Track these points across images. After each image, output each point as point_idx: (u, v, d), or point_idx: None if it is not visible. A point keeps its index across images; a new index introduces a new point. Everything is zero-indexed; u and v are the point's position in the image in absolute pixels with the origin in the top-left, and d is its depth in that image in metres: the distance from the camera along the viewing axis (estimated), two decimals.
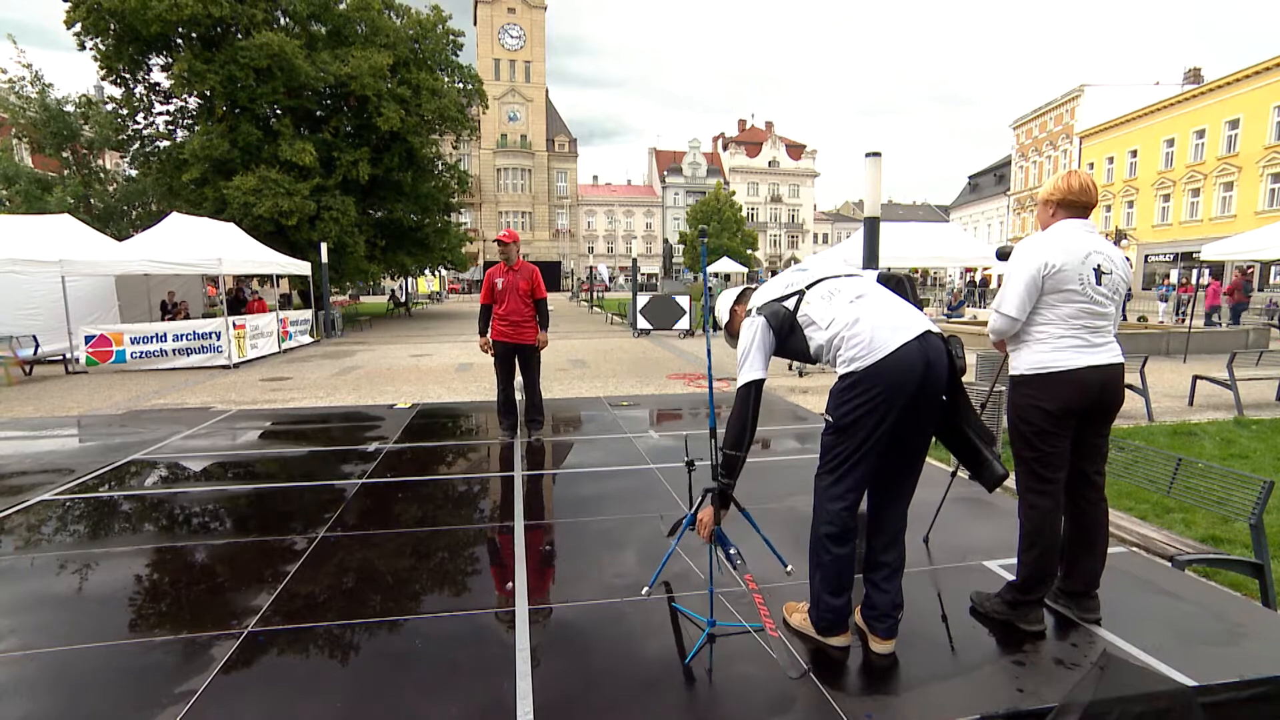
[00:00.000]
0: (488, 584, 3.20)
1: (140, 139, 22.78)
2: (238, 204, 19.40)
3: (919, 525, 3.63)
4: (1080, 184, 2.65)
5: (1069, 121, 43.37)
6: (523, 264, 5.69)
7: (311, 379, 11.00)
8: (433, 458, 5.58)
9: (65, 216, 15.07)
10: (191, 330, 12.60)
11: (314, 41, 22.91)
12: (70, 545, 3.71)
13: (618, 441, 5.87)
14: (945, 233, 18.15)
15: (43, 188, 20.41)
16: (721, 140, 77.10)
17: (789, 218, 75.30)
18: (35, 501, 4.35)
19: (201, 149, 20.04)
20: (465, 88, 27.27)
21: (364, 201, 23.94)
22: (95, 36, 20.10)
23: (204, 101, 21.83)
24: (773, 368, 11.39)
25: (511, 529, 3.81)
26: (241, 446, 6.06)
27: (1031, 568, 2.69)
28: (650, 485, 4.61)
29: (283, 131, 21.22)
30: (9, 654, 2.56)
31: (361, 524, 3.93)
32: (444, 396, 8.99)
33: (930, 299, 29.62)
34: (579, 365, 12.10)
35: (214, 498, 4.55)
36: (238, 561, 3.43)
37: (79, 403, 8.90)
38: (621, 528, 3.82)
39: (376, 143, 23.34)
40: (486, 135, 60.65)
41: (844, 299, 2.41)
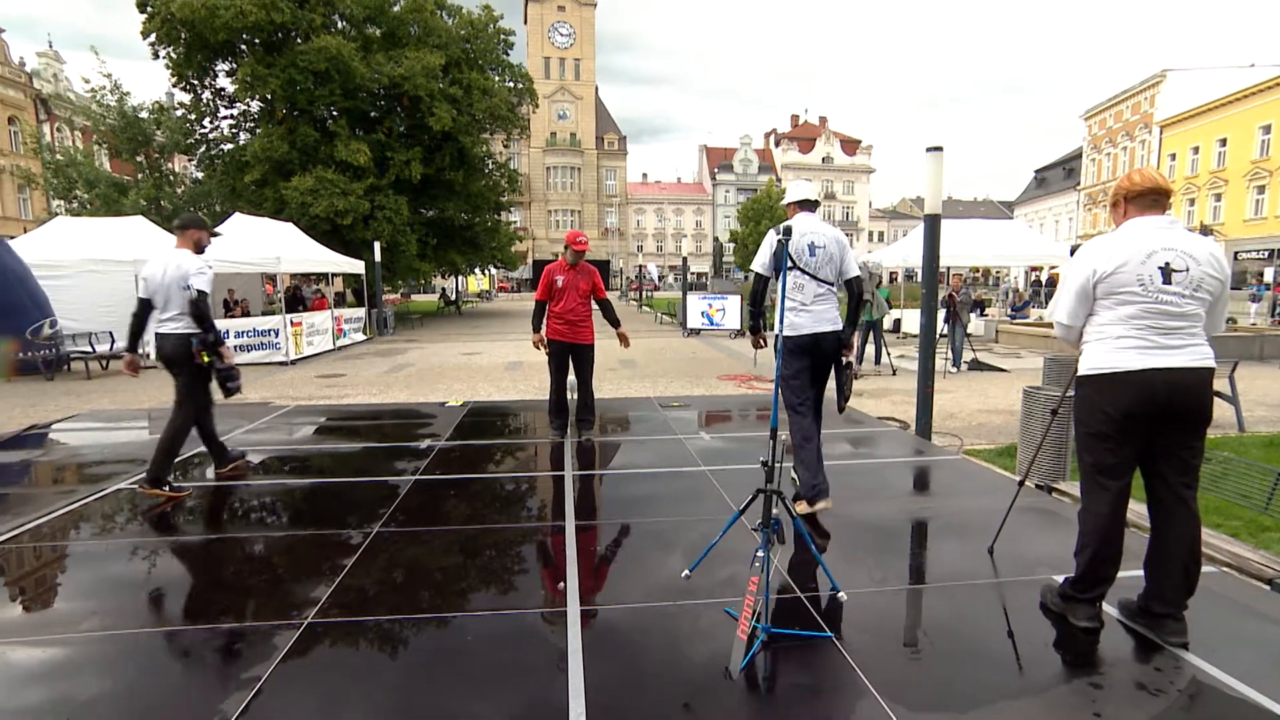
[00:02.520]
0: (539, 583, 3.25)
1: (206, 142, 23.87)
2: (295, 204, 20.10)
3: (983, 536, 3.53)
4: (1143, 176, 2.56)
5: (1148, 110, 41.15)
6: (584, 264, 5.75)
7: (365, 376, 11.32)
8: (484, 456, 5.69)
9: (139, 218, 15.90)
10: (251, 328, 13.12)
11: (369, 44, 23.56)
12: (143, 533, 3.91)
13: (668, 443, 5.87)
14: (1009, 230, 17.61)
15: (119, 191, 21.60)
16: (774, 136, 76.26)
17: (844, 215, 74.03)
18: (112, 490, 4.60)
19: (262, 150, 20.85)
20: (515, 86, 27.65)
21: (416, 201, 24.51)
22: (168, 45, 21.15)
23: (265, 105, 22.72)
24: None
25: (563, 529, 3.85)
26: (299, 441, 6.29)
27: (1084, 569, 2.62)
28: (702, 488, 4.60)
29: (339, 133, 21.89)
30: (91, 633, 2.72)
31: (415, 520, 4.03)
32: (494, 395, 9.14)
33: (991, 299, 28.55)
34: (628, 365, 12.14)
35: (274, 491, 4.73)
36: (297, 553, 3.56)
37: (150, 396, 9.36)
38: (673, 530, 3.82)
39: (428, 142, 23.86)
40: (536, 134, 61.36)
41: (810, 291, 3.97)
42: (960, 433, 6.65)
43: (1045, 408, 4.64)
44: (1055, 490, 4.65)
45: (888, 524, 3.92)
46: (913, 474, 5.16)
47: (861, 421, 6.86)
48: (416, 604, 3.00)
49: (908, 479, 5.04)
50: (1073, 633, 2.67)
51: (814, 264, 3.95)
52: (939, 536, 3.83)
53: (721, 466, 5.05)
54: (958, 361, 11.36)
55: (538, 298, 5.83)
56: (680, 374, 11.11)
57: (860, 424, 6.75)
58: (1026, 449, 4.86)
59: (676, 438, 6.01)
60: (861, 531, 3.77)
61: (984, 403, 8.44)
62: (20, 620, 2.91)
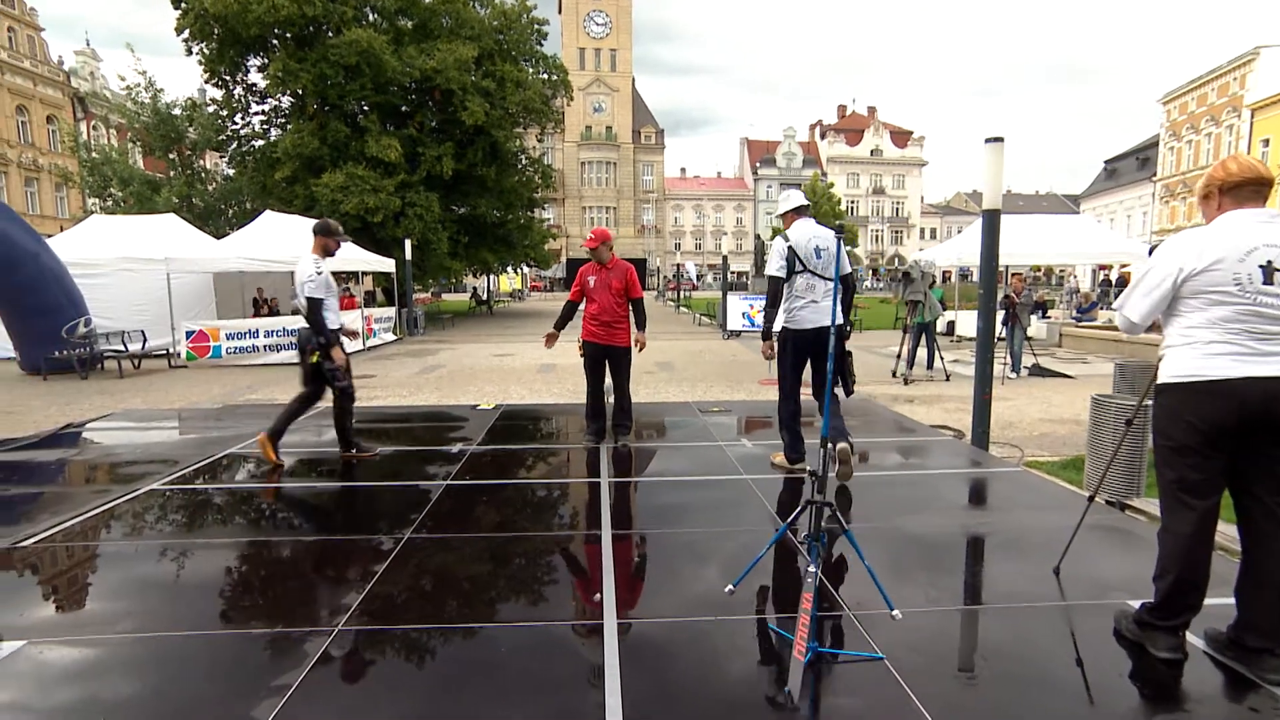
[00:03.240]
0: (575, 594, 3.26)
1: (238, 139, 24.62)
2: (326, 201, 20.58)
3: (1047, 555, 3.44)
4: (1241, 165, 2.44)
5: (1237, 92, 38.83)
6: (617, 261, 5.77)
7: (395, 377, 11.53)
8: (517, 461, 5.75)
9: (171, 216, 16.52)
10: (281, 326, 13.45)
11: (400, 36, 24.01)
12: (175, 534, 4.04)
13: (708, 450, 5.86)
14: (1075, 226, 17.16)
15: (152, 188, 22.47)
16: (819, 128, 75.65)
17: (893, 211, 73.04)
18: (144, 491, 4.76)
19: (293, 147, 21.41)
20: (550, 78, 27.92)
21: (447, 197, 24.88)
22: (201, 41, 21.91)
23: (296, 100, 23.36)
24: (877, 374, 11.01)
25: (599, 538, 3.86)
26: (329, 443, 6.39)
27: (1165, 595, 2.51)
28: (744, 497, 4.58)
29: (369, 128, 22.36)
30: (125, 635, 2.81)
31: (447, 526, 4.08)
32: (526, 398, 9.22)
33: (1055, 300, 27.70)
34: (666, 368, 12.14)
35: (304, 494, 4.85)
36: (328, 558, 3.64)
37: (180, 396, 9.68)
38: (714, 541, 3.80)
39: (460, 137, 24.20)
40: (570, 127, 61.83)
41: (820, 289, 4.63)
42: (1020, 443, 6.49)
43: (1118, 418, 4.49)
44: (1129, 507, 4.50)
45: (942, 539, 3.84)
46: (969, 486, 5.06)
47: (913, 430, 6.74)
48: (448, 613, 3.04)
49: (963, 491, 4.94)
50: (1152, 664, 2.56)
51: (820, 265, 4.64)
52: (998, 554, 3.75)
53: (764, 475, 5.02)
54: (1017, 367, 11.09)
55: (570, 298, 5.90)
56: (720, 378, 11.07)
57: (912, 432, 6.64)
58: (1096, 462, 4.72)
59: (717, 444, 5.99)
60: (914, 546, 3.70)
61: (1046, 411, 8.23)
62: (56, 620, 3.03)
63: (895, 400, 8.87)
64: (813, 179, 57.72)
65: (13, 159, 35.35)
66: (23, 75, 36.22)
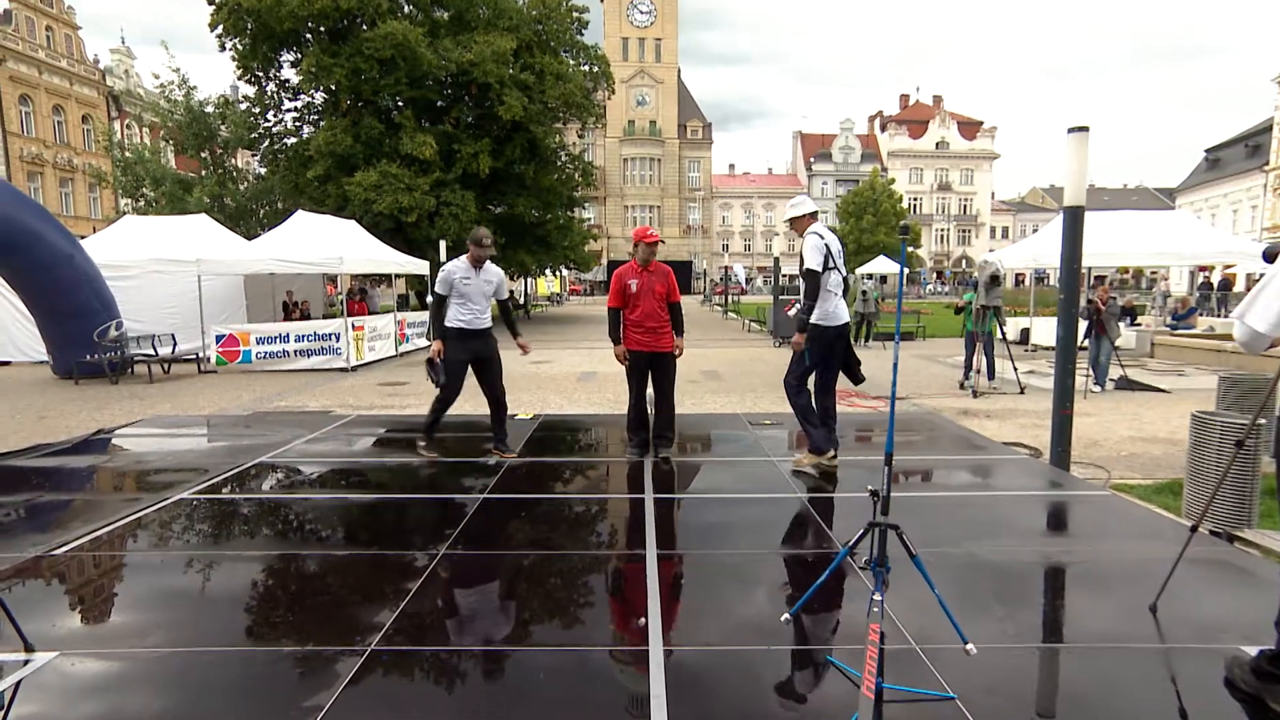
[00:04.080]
0: (617, 617, 3.26)
1: (270, 137, 25.43)
2: (359, 200, 21.10)
3: (1141, 590, 3.30)
4: None
5: None
6: (657, 264, 5.79)
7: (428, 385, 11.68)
8: (556, 474, 5.80)
9: (202, 216, 17.12)
10: (312, 331, 13.81)
11: (436, 28, 24.52)
12: (204, 545, 4.17)
13: (759, 465, 5.82)
14: (1169, 223, 16.51)
15: (184, 188, 23.36)
16: (879, 120, 74.77)
17: (960, 209, 71.65)
18: (174, 500, 4.92)
19: (326, 144, 22.01)
20: (591, 70, 28.17)
21: (484, 196, 25.27)
22: (234, 37, 22.72)
23: (329, 96, 24.04)
24: (943, 386, 10.78)
25: (642, 558, 3.85)
26: (361, 454, 6.56)
27: None
28: (799, 516, 4.54)
29: (404, 124, 22.86)
30: (155, 650, 2.90)
31: (483, 542, 4.13)
32: (565, 408, 9.27)
33: (1146, 305, 26.64)
34: (712, 377, 12.09)
35: (336, 506, 4.95)
36: (360, 574, 3.71)
37: (210, 402, 10.00)
38: (767, 563, 3.76)
39: (497, 133, 24.57)
40: (612, 122, 62.22)
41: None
42: (1107, 463, 6.28)
43: (1225, 438, 4.31)
44: (1239, 539, 4.30)
45: (1019, 567, 3.74)
46: (1048, 510, 4.92)
47: (985, 447, 6.58)
48: (485, 634, 3.06)
49: (1042, 515, 4.81)
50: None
51: (840, 263, 5.38)
52: (1083, 586, 3.62)
53: (820, 493, 4.98)
54: (1102, 379, 10.75)
55: (611, 304, 5.90)
56: (771, 388, 10.97)
57: (983, 450, 6.48)
58: (1196, 487, 4.54)
59: (768, 459, 5.95)
60: (987, 575, 3.60)
61: (1136, 429, 7.95)
62: (87, 632, 3.14)
63: (963, 414, 8.67)
64: (872, 175, 57.04)
65: (49, 159, 37.14)
66: (60, 75, 38.07)
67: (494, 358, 5.92)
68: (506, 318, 6.19)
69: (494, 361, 5.93)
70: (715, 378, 12.05)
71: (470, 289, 5.71)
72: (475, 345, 5.78)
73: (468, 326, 5.73)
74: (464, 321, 5.72)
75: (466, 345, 5.77)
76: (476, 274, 5.73)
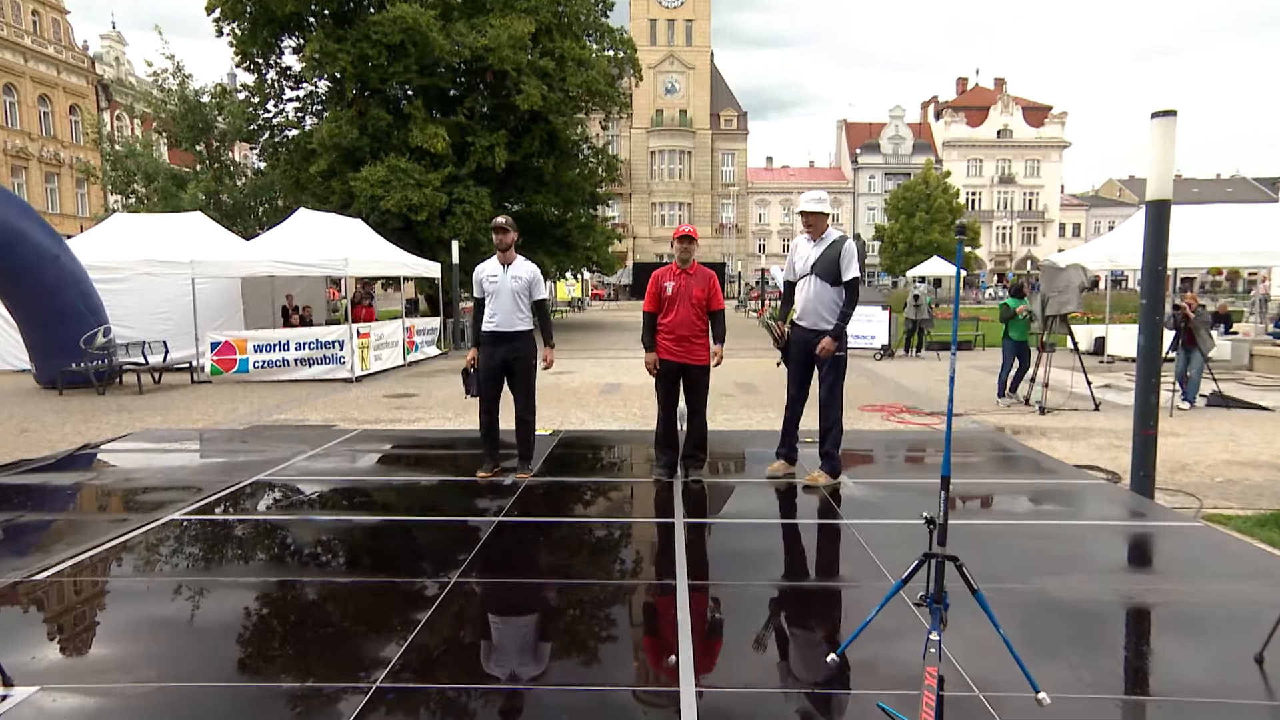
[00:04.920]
0: (645, 654, 3.24)
1: (270, 128, 25.84)
2: (365, 197, 21.36)
3: (1243, 637, 3.19)
4: None
5: None
6: (698, 267, 5.80)
7: (439, 397, 11.81)
8: (577, 496, 5.82)
9: (197, 214, 17.45)
10: (314, 338, 13.99)
11: (449, 11, 24.78)
12: (196, 571, 4.22)
13: (799, 487, 5.80)
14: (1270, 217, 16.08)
15: (178, 184, 23.81)
16: (933, 106, 74.39)
17: (1025, 204, 70.93)
18: (164, 521, 4.99)
19: (330, 137, 22.32)
20: (616, 55, 28.32)
21: (499, 192, 25.46)
22: (233, 21, 23.17)
23: (334, 85, 24.37)
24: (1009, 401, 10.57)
25: (672, 589, 3.84)
26: (366, 472, 6.62)
27: None
28: (845, 545, 4.51)
29: (414, 115, 23.12)
30: (143, 684, 2.93)
31: (499, 570, 4.14)
32: (588, 423, 9.29)
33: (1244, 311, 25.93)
34: (748, 390, 12.04)
35: (339, 528, 4.99)
36: (365, 603, 3.73)
37: (204, 414, 10.16)
38: (810, 597, 3.73)
39: (515, 125, 24.77)
40: (639, 112, 62.46)
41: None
42: (1198, 491, 6.14)
43: None
44: None
45: (1096, 607, 3.66)
46: (1129, 542, 4.84)
47: (1055, 470, 6.48)
48: (501, 671, 3.06)
49: (1121, 548, 4.73)
50: None
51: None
52: (1173, 630, 3.54)
53: (868, 520, 4.93)
54: (1191, 395, 10.54)
55: (646, 308, 5.91)
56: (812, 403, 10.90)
57: (1053, 473, 6.38)
58: None
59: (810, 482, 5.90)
60: (1059, 615, 3.53)
61: (1233, 451, 7.78)
62: (70, 665, 3.19)
63: (1029, 433, 8.55)
64: (925, 167, 56.65)
65: (34, 153, 38.11)
66: (47, 62, 39.10)
67: (525, 366, 5.98)
68: (540, 321, 6.18)
69: (524, 370, 5.98)
70: (751, 391, 12.00)
71: (497, 287, 5.80)
72: (504, 350, 5.85)
73: (496, 329, 5.81)
74: (493, 324, 5.81)
75: (495, 350, 5.85)
76: (504, 271, 5.82)
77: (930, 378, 13.97)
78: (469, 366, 5.99)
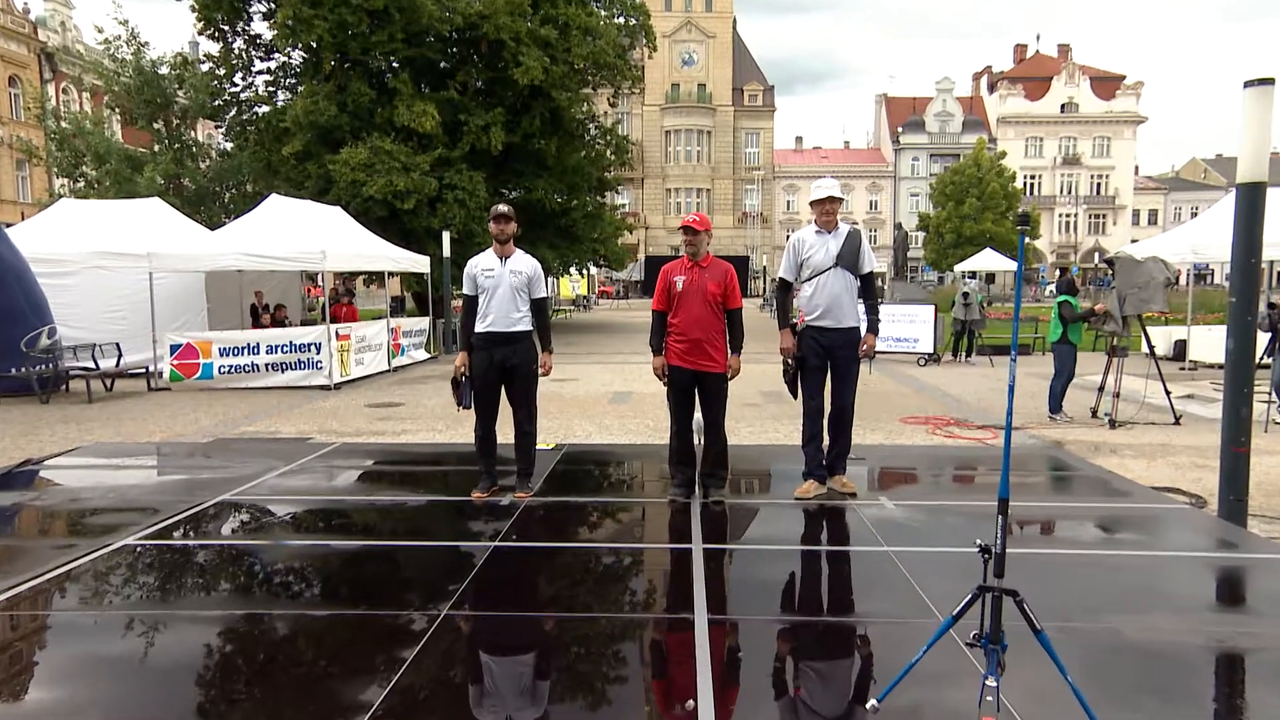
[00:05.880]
0: (658, 699, 3.23)
1: (237, 104, 25.96)
2: (345, 182, 21.44)
3: None
4: None
5: None
6: (713, 260, 5.77)
7: (428, 407, 11.83)
8: (583, 518, 5.82)
9: (155, 200, 17.52)
10: (288, 341, 14.03)
11: None
12: (153, 603, 4.23)
13: (833, 510, 5.78)
14: None
15: (133, 166, 23.96)
16: (987, 77, 74.29)
17: (1093, 188, 70.62)
18: (116, 547, 5.01)
19: (305, 114, 22.42)
20: (626, 23, 28.39)
21: (496, 178, 25.53)
22: None
23: (309, 56, 24.45)
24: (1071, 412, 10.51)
25: (689, 624, 3.82)
26: (346, 490, 6.63)
27: None
28: (884, 575, 4.47)
29: (400, 90, 23.21)
30: None
31: (495, 602, 4.14)
32: (595, 436, 9.29)
33: None
34: (774, 399, 12.01)
35: (314, 555, 4.99)
36: (343, 640, 3.73)
37: (162, 426, 10.21)
38: (848, 635, 3.71)
39: (513, 101, 24.82)
40: (652, 87, 62.68)
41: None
42: None
43: None
44: None
45: (1180, 651, 3.64)
46: (1217, 577, 4.81)
47: (1127, 493, 6.42)
48: (496, 717, 3.05)
49: (1208, 584, 4.71)
50: None
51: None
52: (1267, 679, 3.49)
53: (912, 547, 4.92)
54: None
55: (655, 307, 5.91)
56: None
57: (1126, 496, 6.33)
58: None
59: (844, 503, 5.91)
60: (1135, 659, 3.51)
61: None
62: (3, 711, 3.18)
63: (1098, 449, 8.47)
64: (976, 147, 56.42)
65: None
66: None
67: (526, 371, 5.99)
68: (538, 322, 6.17)
69: (525, 376, 6.00)
70: (778, 400, 11.97)
71: (494, 283, 5.82)
72: (503, 353, 5.85)
73: (493, 329, 5.82)
74: (489, 323, 5.82)
75: (492, 353, 5.86)
76: (502, 264, 5.84)
77: (981, 386, 13.90)
78: (459, 375, 5.97)
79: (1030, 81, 70.84)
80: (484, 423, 6.02)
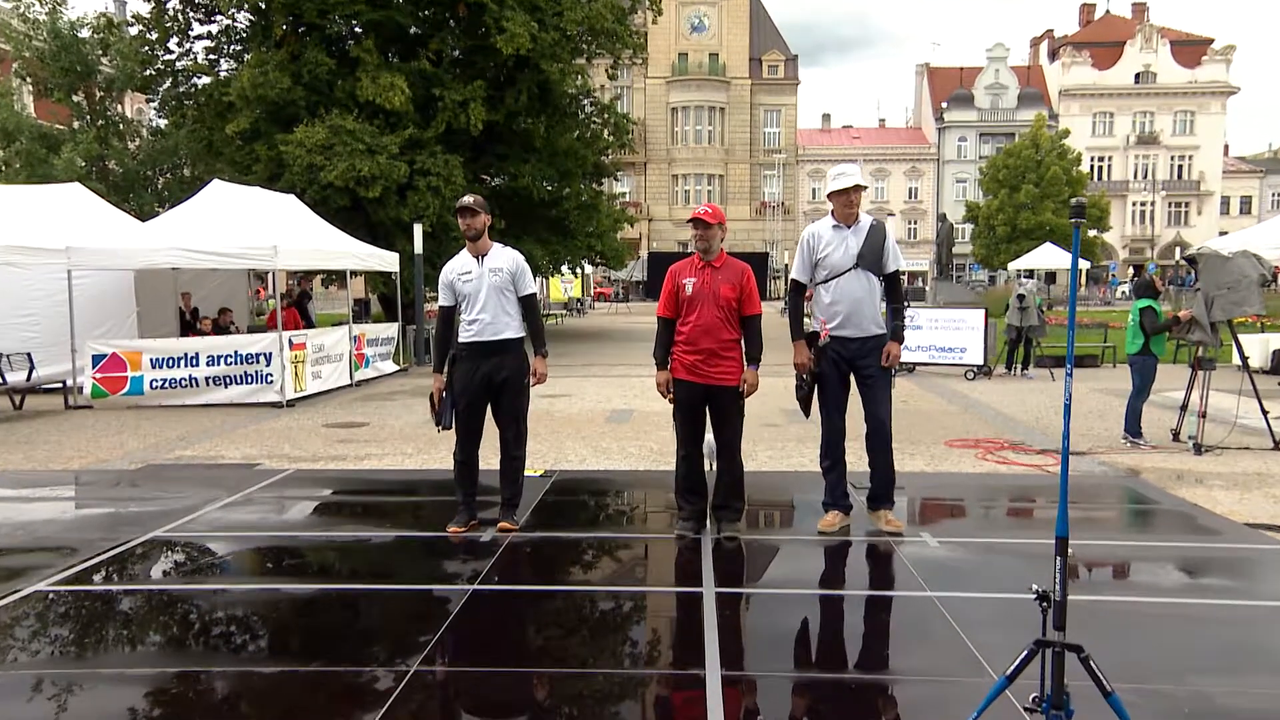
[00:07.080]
0: None
1: (173, 74, 25.94)
2: (300, 167, 21.43)
3: None
4: None
5: None
6: (727, 259, 5.78)
7: (396, 427, 11.83)
8: (576, 556, 5.81)
9: (75, 186, 17.46)
10: (232, 350, 13.99)
11: None
12: (69, 660, 4.22)
13: (867, 548, 5.78)
14: None
15: (49, 146, 23.89)
16: (1047, 43, 74.46)
17: (1172, 171, 70.67)
18: (29, 592, 4.99)
19: (253, 87, 22.40)
20: None
21: (475, 162, 25.50)
22: None
23: (258, 18, 24.48)
24: (1147, 434, 10.51)
25: (700, 681, 3.81)
26: (300, 525, 6.63)
27: None
28: (927, 625, 4.46)
29: (363, 59, 23.21)
30: None
31: (474, 655, 4.15)
32: (590, 461, 9.28)
33: None
34: (798, 419, 11.95)
35: (262, 601, 4.99)
36: (294, 701, 3.72)
37: (81, 451, 10.20)
38: (885, 695, 3.71)
39: (495, 74, 24.84)
40: (656, 57, 62.81)
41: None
42: None
43: None
44: None
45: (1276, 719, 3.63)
46: None
47: (1217, 531, 6.41)
48: None
49: None
50: None
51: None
52: None
53: (959, 592, 4.91)
54: None
55: (660, 313, 5.91)
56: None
57: (1214, 534, 6.32)
58: None
59: (880, 539, 5.90)
60: None
61: None
62: None
63: (1180, 479, 8.45)
64: (1035, 125, 56.37)
65: None
66: None
67: (516, 386, 5.98)
68: (528, 322, 6.17)
69: (514, 391, 5.99)
70: (801, 419, 11.89)
71: (474, 287, 5.83)
72: (488, 366, 5.87)
73: (478, 338, 5.83)
74: (472, 332, 5.83)
75: (476, 366, 5.89)
76: (479, 264, 5.85)
77: (1041, 403, 13.90)
78: (435, 396, 5.98)
79: (1099, 47, 70.90)
80: (465, 446, 6.01)
